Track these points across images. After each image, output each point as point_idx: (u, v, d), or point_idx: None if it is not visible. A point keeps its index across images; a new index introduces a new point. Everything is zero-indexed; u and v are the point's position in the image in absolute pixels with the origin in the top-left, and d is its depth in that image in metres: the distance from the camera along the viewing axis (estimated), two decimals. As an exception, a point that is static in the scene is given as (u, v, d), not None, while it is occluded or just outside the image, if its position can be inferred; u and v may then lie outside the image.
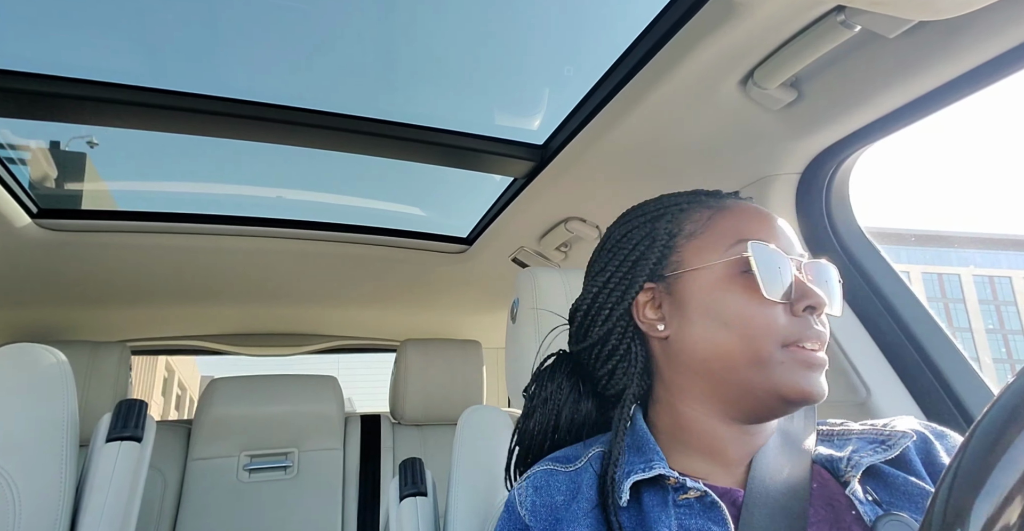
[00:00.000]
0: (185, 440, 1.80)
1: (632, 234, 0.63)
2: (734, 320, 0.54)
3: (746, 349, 0.53)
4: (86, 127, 1.18)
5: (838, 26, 0.69)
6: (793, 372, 0.52)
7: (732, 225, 0.58)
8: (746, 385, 0.53)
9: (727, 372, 0.54)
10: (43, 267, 1.54)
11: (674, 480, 0.52)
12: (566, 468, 0.60)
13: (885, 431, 0.55)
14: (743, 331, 0.53)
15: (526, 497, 0.59)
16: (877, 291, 0.96)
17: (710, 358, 0.55)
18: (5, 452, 0.78)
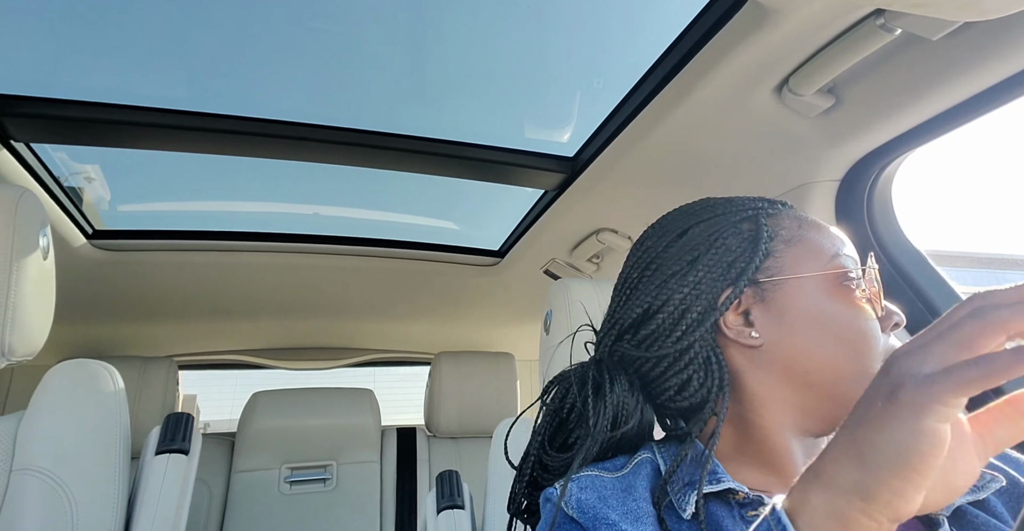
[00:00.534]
0: (229, 453, 1.84)
1: (722, 233, 0.58)
2: (848, 333, 0.53)
3: (857, 363, 0.52)
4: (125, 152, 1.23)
5: (877, 30, 0.67)
6: None
7: (823, 236, 0.59)
8: (846, 398, 0.50)
9: (831, 384, 0.53)
10: (97, 286, 1.61)
11: (743, 495, 0.50)
12: (611, 474, 0.57)
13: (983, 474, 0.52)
14: (856, 344, 0.53)
15: (572, 495, 0.54)
16: (926, 302, 0.93)
17: (814, 369, 0.53)
18: (63, 464, 0.81)
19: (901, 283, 0.95)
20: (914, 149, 0.87)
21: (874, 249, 0.98)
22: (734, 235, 0.58)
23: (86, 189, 1.36)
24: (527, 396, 2.51)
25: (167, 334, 2.05)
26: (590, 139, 1.19)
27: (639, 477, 0.55)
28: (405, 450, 1.99)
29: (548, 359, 1.00)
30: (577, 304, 0.98)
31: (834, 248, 0.57)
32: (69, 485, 0.80)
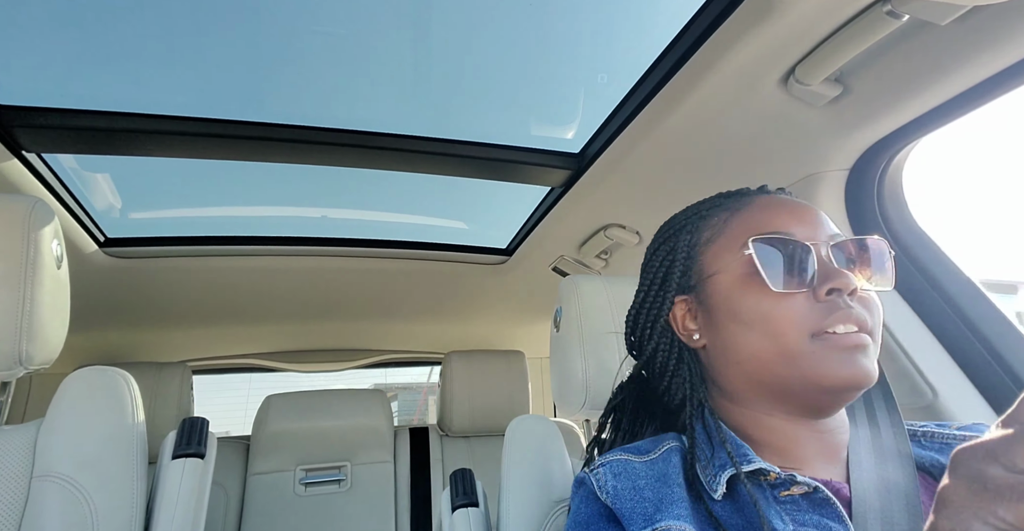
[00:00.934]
0: (244, 455, 1.86)
1: (659, 250, 0.65)
2: (754, 319, 0.54)
3: (772, 346, 0.52)
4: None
5: (884, 17, 0.66)
6: (826, 359, 0.50)
7: (746, 224, 0.58)
8: (784, 382, 0.53)
9: (763, 372, 0.54)
10: (110, 293, 1.62)
11: (775, 475, 0.50)
12: (641, 459, 0.58)
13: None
14: (765, 328, 0.53)
15: (606, 482, 0.56)
16: (938, 287, 0.92)
17: (743, 361, 0.55)
18: (82, 470, 0.82)
19: (913, 271, 0.94)
20: (924, 136, 0.86)
21: (886, 237, 0.97)
22: (666, 250, 0.64)
23: (97, 197, 1.37)
24: (538, 393, 2.52)
25: (180, 339, 2.07)
26: (596, 135, 1.19)
27: (670, 465, 0.56)
28: (418, 450, 2.00)
29: (559, 356, 1.00)
30: (587, 300, 0.97)
31: (748, 234, 0.56)
32: (89, 491, 0.81)
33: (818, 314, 0.51)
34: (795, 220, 0.56)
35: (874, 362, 0.51)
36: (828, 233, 0.56)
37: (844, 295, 0.51)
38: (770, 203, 0.59)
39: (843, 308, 0.51)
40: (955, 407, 0.85)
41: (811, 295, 0.52)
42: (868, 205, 0.97)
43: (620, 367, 0.92)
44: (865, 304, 0.52)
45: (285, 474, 1.82)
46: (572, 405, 0.96)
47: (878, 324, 0.53)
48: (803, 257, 0.53)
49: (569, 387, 0.96)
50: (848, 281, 0.51)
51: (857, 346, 0.50)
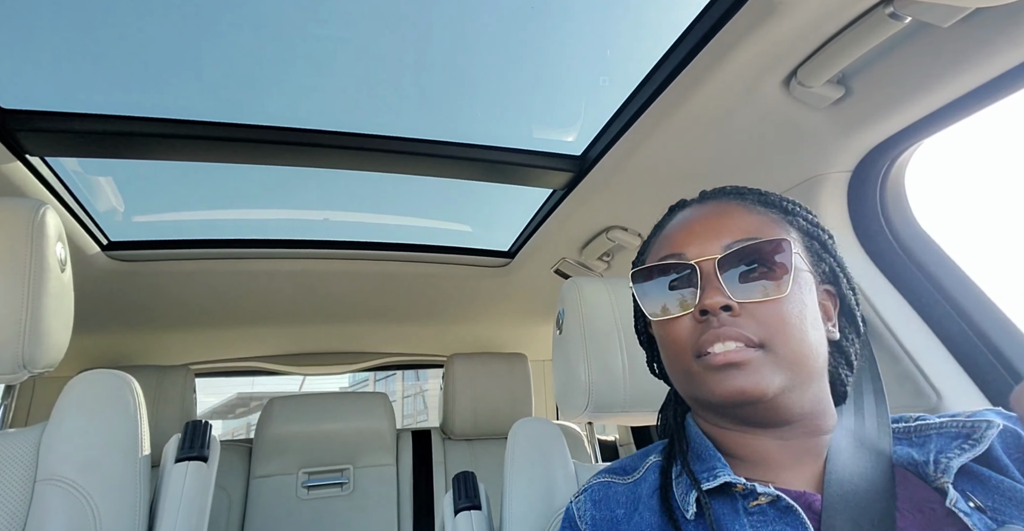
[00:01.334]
0: (247, 459, 1.86)
1: (632, 270, 0.69)
2: (661, 340, 0.57)
3: (677, 366, 0.55)
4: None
5: (886, 19, 0.66)
6: (705, 380, 0.51)
7: (657, 246, 0.61)
8: (694, 398, 0.56)
9: (682, 389, 0.57)
10: (113, 296, 1.63)
11: (741, 487, 0.50)
12: (623, 480, 0.61)
13: (968, 424, 0.50)
14: (666, 350, 0.56)
15: (585, 511, 0.59)
16: (941, 289, 0.92)
17: (672, 380, 0.59)
18: (85, 473, 0.82)
19: (916, 273, 0.94)
20: (926, 138, 0.86)
21: (888, 239, 0.97)
22: (632, 274, 0.66)
23: (101, 201, 1.38)
24: (541, 396, 2.51)
25: (183, 342, 2.07)
26: (597, 137, 1.19)
27: (646, 483, 0.59)
28: (420, 452, 2.00)
29: (561, 358, 1.00)
30: (589, 302, 0.97)
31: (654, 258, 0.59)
32: (92, 494, 0.81)
33: (694, 336, 0.52)
34: (691, 236, 0.56)
35: (756, 376, 0.49)
36: (725, 242, 0.54)
37: (719, 313, 0.51)
38: (678, 222, 0.60)
39: (714, 328, 0.50)
40: (959, 410, 0.84)
41: (692, 316, 0.53)
42: (871, 207, 0.97)
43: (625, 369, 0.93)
44: (755, 316, 0.50)
45: (288, 477, 1.82)
46: (575, 408, 0.96)
47: (777, 333, 0.50)
48: (685, 279, 0.54)
49: (572, 390, 0.96)
50: (713, 301, 0.50)
51: (728, 364, 0.49)
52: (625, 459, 0.65)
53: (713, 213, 0.58)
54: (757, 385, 0.49)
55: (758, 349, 0.50)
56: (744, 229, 0.54)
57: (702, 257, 0.53)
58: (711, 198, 0.61)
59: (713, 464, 0.54)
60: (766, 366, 0.49)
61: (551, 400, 2.50)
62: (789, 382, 0.50)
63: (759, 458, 0.54)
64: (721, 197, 0.61)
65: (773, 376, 0.49)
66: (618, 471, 0.62)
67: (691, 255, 0.54)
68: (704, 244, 0.54)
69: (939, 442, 0.51)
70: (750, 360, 0.49)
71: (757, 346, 0.50)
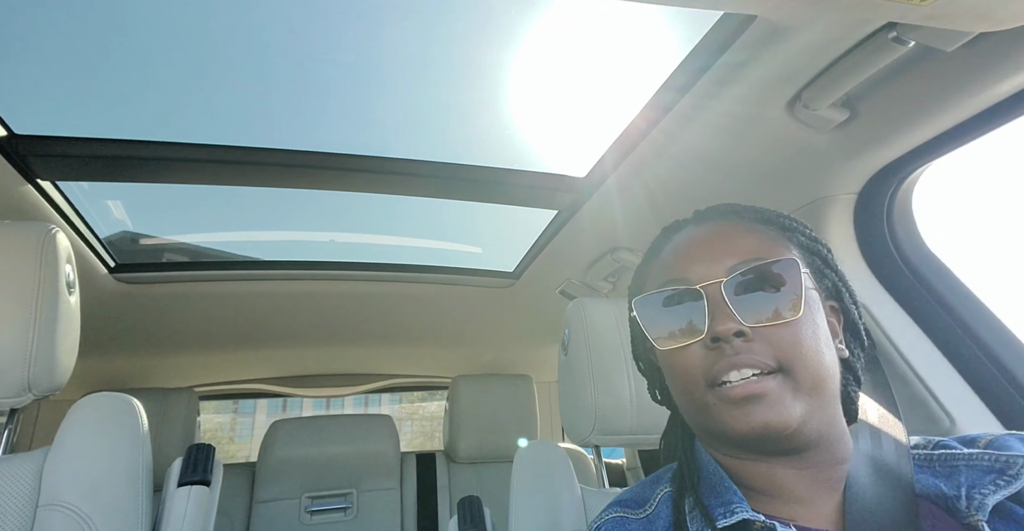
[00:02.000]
0: (249, 483, 1.84)
1: (629, 295, 0.66)
2: (668, 369, 0.55)
3: (687, 396, 0.53)
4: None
5: (890, 43, 0.67)
6: (723, 414, 0.48)
7: (656, 271, 0.59)
8: (706, 429, 0.53)
9: (692, 420, 0.55)
10: (119, 318, 1.63)
11: (760, 525, 0.48)
12: (636, 515, 0.58)
13: (1001, 458, 0.48)
14: (675, 379, 0.53)
15: None
16: (952, 312, 0.91)
17: (680, 408, 0.56)
18: (88, 498, 0.81)
19: (926, 296, 0.93)
20: (933, 161, 0.86)
21: (896, 262, 0.96)
22: (629, 303, 0.64)
23: (108, 223, 1.39)
24: (546, 418, 2.48)
25: (188, 365, 2.06)
26: (602, 158, 1.19)
27: (660, 520, 0.56)
28: (425, 476, 1.97)
29: (567, 380, 0.99)
30: (595, 324, 0.97)
31: (654, 284, 0.57)
32: (94, 519, 0.80)
33: (707, 363, 0.49)
34: (691, 260, 0.54)
35: (779, 407, 0.47)
36: (729, 265, 0.52)
37: (732, 339, 0.48)
38: (677, 244, 0.58)
39: (728, 355, 0.48)
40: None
41: (703, 343, 0.50)
42: (877, 229, 0.97)
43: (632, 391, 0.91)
44: (769, 340, 0.48)
45: (291, 502, 1.80)
46: (581, 431, 0.95)
47: (794, 357, 0.48)
48: (692, 304, 0.51)
49: (578, 413, 0.95)
50: (726, 327, 0.48)
51: (748, 396, 0.47)
52: (635, 488, 0.63)
53: (713, 234, 0.56)
54: (780, 416, 0.47)
55: (775, 375, 0.48)
56: (747, 250, 0.53)
57: (707, 281, 0.51)
58: (707, 218, 0.60)
59: (729, 498, 0.51)
60: (786, 394, 0.47)
61: (557, 422, 2.47)
62: (809, 408, 0.48)
63: (775, 490, 0.52)
64: (717, 217, 0.59)
65: (794, 404, 0.47)
66: (630, 504, 0.60)
67: (695, 279, 0.52)
68: (707, 267, 0.52)
69: (970, 475, 0.48)
70: (770, 390, 0.47)
71: (774, 372, 0.48)
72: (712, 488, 0.54)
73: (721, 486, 0.53)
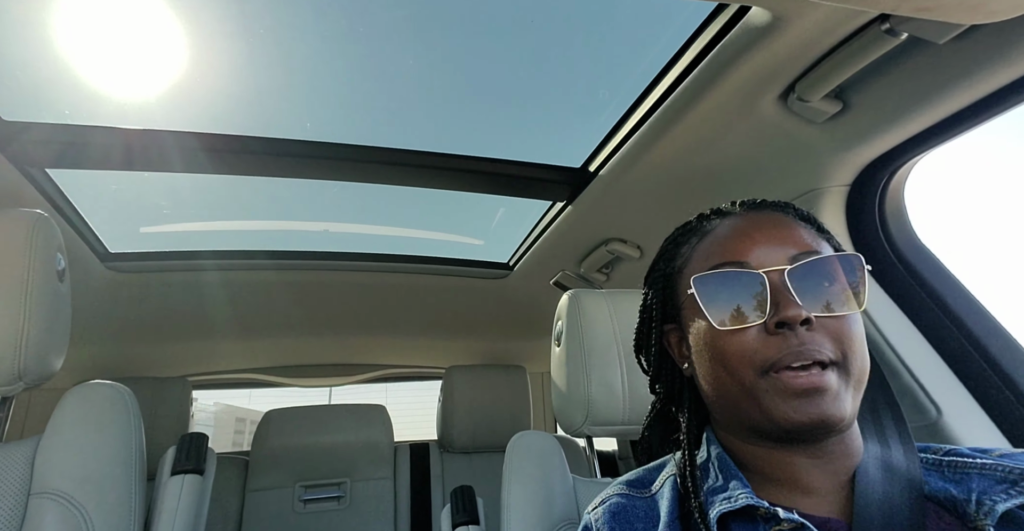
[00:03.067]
0: (243, 472, 1.84)
1: (649, 275, 0.65)
2: (713, 354, 0.52)
3: (733, 381, 0.51)
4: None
5: (882, 35, 0.67)
6: (781, 402, 0.48)
7: (706, 252, 0.57)
8: (747, 415, 0.51)
9: (732, 406, 0.53)
10: (111, 307, 1.62)
11: (764, 511, 0.49)
12: (642, 494, 0.59)
13: (1016, 469, 0.48)
14: (724, 362, 0.51)
15: (604, 523, 0.57)
16: (941, 304, 0.92)
17: (713, 393, 0.55)
18: (80, 485, 0.81)
19: (915, 287, 0.94)
20: (925, 153, 0.87)
21: (887, 253, 0.97)
22: (652, 278, 0.64)
23: (100, 211, 1.38)
24: (539, 409, 2.50)
25: (181, 354, 2.06)
26: (597, 149, 1.19)
27: (664, 499, 0.57)
28: (418, 466, 1.98)
29: (560, 371, 1.00)
30: (588, 315, 0.97)
31: (708, 264, 0.55)
32: (87, 507, 0.80)
33: (771, 349, 0.49)
34: (753, 244, 0.53)
35: (837, 401, 0.47)
36: (791, 254, 0.52)
37: (797, 327, 0.48)
38: (731, 227, 0.57)
39: (793, 345, 0.48)
40: (960, 425, 0.84)
41: (763, 328, 0.49)
42: (869, 221, 0.97)
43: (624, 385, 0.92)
44: (829, 331, 0.49)
45: (284, 491, 1.81)
46: (573, 421, 0.95)
47: (851, 350, 0.49)
48: (752, 288, 0.51)
49: (570, 403, 0.95)
50: (796, 313, 0.48)
51: (811, 389, 0.47)
52: (640, 471, 0.64)
53: (768, 223, 0.55)
54: (838, 410, 0.47)
55: (833, 369, 0.48)
56: (803, 242, 0.53)
57: (769, 267, 0.51)
58: (754, 209, 0.59)
59: (735, 484, 0.52)
60: (843, 389, 0.48)
61: (550, 412, 2.49)
62: (856, 402, 0.49)
63: (786, 478, 0.52)
64: (763, 208, 0.59)
65: (847, 399, 0.48)
66: (635, 484, 0.61)
67: (755, 264, 0.52)
68: (768, 253, 0.52)
69: (981, 483, 0.49)
70: (832, 384, 0.47)
71: (831, 365, 0.48)
72: (718, 475, 0.55)
73: (728, 473, 0.54)
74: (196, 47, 1.06)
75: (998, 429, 0.83)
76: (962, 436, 0.83)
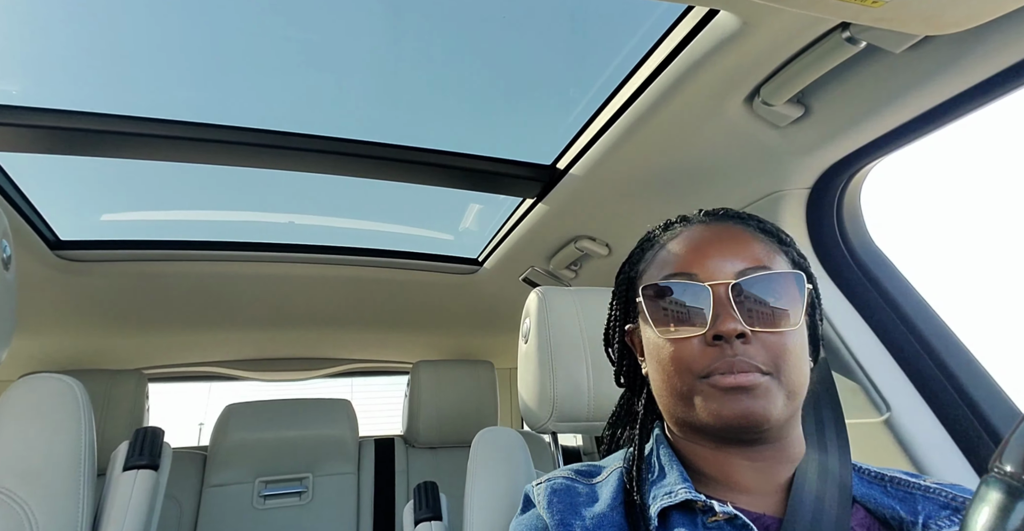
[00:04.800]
0: (201, 467, 1.80)
1: (618, 276, 0.68)
2: (656, 358, 0.56)
3: (671, 385, 0.54)
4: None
5: (843, 43, 0.69)
6: (711, 400, 0.51)
7: (662, 261, 0.59)
8: (685, 417, 0.54)
9: (670, 406, 0.56)
10: (61, 296, 1.56)
11: (702, 504, 0.52)
12: (586, 481, 0.62)
13: (958, 498, 0.52)
14: (665, 368, 0.55)
15: (544, 497, 0.60)
16: (893, 304, 0.95)
17: (658, 394, 0.58)
18: (24, 481, 0.78)
19: (870, 288, 0.97)
20: (881, 158, 0.90)
21: (843, 255, 1.00)
22: (620, 279, 0.67)
23: (50, 198, 1.32)
24: (506, 405, 2.51)
25: (136, 346, 1.99)
26: (567, 147, 1.20)
27: (608, 487, 0.59)
28: (383, 461, 1.97)
29: (527, 368, 1.00)
30: (555, 313, 0.98)
31: (661, 273, 0.58)
32: (30, 504, 0.77)
33: (706, 358, 0.51)
34: (704, 258, 0.55)
35: (763, 400, 0.50)
36: (739, 268, 0.54)
37: (733, 339, 0.51)
38: (688, 238, 0.59)
39: (727, 356, 0.50)
40: (908, 422, 0.87)
41: (703, 339, 0.52)
42: (828, 223, 1.00)
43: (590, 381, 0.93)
44: (765, 344, 0.51)
45: (243, 486, 1.77)
46: (539, 418, 0.96)
47: (785, 363, 0.51)
48: (697, 300, 0.53)
49: (536, 400, 0.96)
50: (732, 327, 0.50)
51: (738, 386, 0.50)
52: (588, 464, 0.66)
53: (723, 236, 0.57)
54: (764, 409, 0.50)
55: (765, 375, 0.51)
56: (754, 257, 0.55)
57: (715, 280, 0.53)
58: (716, 219, 0.61)
59: (676, 480, 0.55)
60: (772, 392, 0.50)
61: (517, 408, 2.49)
62: (786, 409, 0.51)
63: (725, 478, 0.55)
64: (725, 220, 0.61)
65: (777, 402, 0.50)
66: (582, 472, 0.63)
67: (703, 277, 0.54)
68: (716, 267, 0.54)
69: (927, 506, 0.52)
70: (759, 384, 0.50)
71: (764, 374, 0.51)
72: (662, 470, 0.57)
73: (671, 467, 0.57)
74: (162, 29, 1.03)
75: (943, 426, 0.86)
76: (910, 433, 0.87)
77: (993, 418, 0.82)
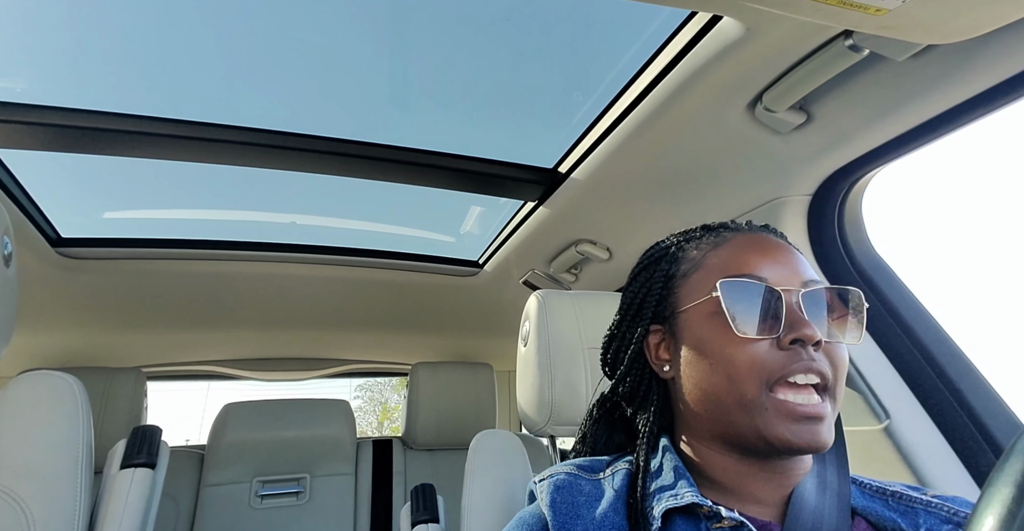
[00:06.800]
0: (198, 466, 1.80)
1: (639, 276, 0.65)
2: (717, 360, 0.53)
3: (732, 390, 0.52)
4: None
5: (846, 50, 0.69)
6: (780, 423, 0.50)
7: (722, 261, 0.57)
8: (736, 428, 0.52)
9: (721, 414, 0.53)
10: (62, 294, 1.56)
11: (707, 509, 0.51)
12: (590, 477, 0.61)
13: (960, 513, 0.52)
14: (726, 370, 0.52)
15: (547, 494, 0.59)
16: (894, 313, 0.95)
17: (701, 400, 0.55)
18: (21, 479, 0.78)
19: (871, 296, 0.97)
20: (884, 166, 0.90)
21: (844, 262, 1.00)
22: (644, 278, 0.64)
23: (52, 195, 1.32)
24: (505, 407, 2.50)
25: (135, 344, 1.99)
26: (569, 151, 1.20)
27: (611, 486, 0.58)
28: (381, 462, 1.96)
29: (525, 371, 1.00)
30: (555, 316, 0.98)
31: (723, 272, 0.56)
32: (27, 502, 0.77)
33: (779, 362, 0.50)
34: (770, 262, 0.55)
35: (829, 429, 0.50)
36: (803, 278, 0.55)
37: (808, 346, 0.51)
38: (748, 242, 0.58)
39: (804, 359, 0.50)
40: (907, 430, 0.87)
41: (775, 342, 0.51)
42: (828, 230, 1.00)
43: (598, 384, 0.93)
44: (830, 356, 0.52)
45: (240, 486, 1.77)
46: (537, 421, 0.96)
47: (840, 377, 0.52)
48: (771, 303, 0.52)
49: (534, 403, 0.96)
50: (812, 332, 0.50)
51: (813, 416, 0.49)
52: (590, 459, 0.65)
53: (779, 246, 0.58)
54: (826, 438, 0.50)
55: (825, 395, 0.51)
56: (809, 270, 0.56)
57: (786, 287, 0.53)
58: (758, 230, 0.61)
59: (682, 484, 0.54)
60: (830, 418, 0.51)
61: (516, 411, 2.49)
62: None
63: (735, 486, 0.55)
64: (767, 231, 0.61)
65: (832, 427, 0.51)
66: (585, 468, 0.62)
67: (773, 281, 0.53)
68: (785, 274, 0.54)
69: (928, 520, 0.52)
70: (828, 414, 0.50)
71: (827, 387, 0.51)
72: (669, 474, 0.57)
73: (678, 474, 0.56)
74: (167, 30, 1.03)
75: (942, 434, 0.86)
76: (909, 441, 0.87)
77: (992, 426, 0.82)
